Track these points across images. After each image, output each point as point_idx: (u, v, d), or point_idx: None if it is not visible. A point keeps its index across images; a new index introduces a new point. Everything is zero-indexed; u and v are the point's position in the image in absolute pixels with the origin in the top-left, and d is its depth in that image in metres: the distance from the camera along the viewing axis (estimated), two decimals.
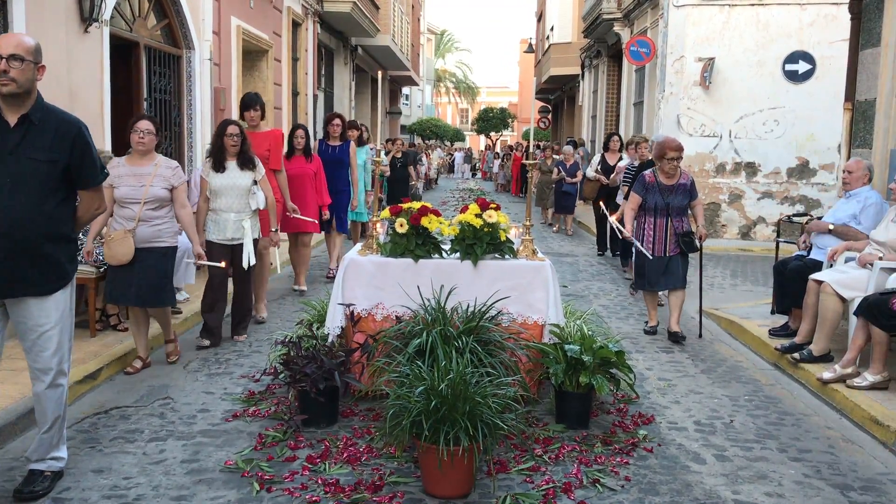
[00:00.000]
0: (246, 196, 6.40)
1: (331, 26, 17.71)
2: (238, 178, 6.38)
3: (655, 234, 6.94)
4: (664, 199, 6.90)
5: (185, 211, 5.72)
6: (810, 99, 13.39)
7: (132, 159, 5.64)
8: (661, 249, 6.92)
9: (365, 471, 4.05)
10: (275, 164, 7.47)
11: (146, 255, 5.53)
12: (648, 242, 6.95)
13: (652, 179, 6.98)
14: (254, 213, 6.51)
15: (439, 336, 4.49)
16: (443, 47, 59.09)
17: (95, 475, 3.98)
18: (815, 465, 4.31)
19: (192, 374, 5.69)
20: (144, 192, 5.51)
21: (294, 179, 8.20)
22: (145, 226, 5.53)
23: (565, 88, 30.76)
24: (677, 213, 6.93)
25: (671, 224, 6.90)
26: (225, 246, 6.40)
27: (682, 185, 6.95)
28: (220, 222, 6.40)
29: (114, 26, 7.85)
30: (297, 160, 8.46)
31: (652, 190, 6.95)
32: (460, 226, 5.13)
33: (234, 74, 11.20)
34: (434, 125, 45.03)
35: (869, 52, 7.21)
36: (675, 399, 5.39)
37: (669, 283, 6.98)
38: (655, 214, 6.93)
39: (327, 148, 9.43)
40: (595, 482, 3.97)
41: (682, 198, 6.95)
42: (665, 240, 6.92)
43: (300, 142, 8.50)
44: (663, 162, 6.90)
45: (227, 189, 6.35)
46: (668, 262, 6.93)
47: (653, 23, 15.35)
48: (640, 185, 7.04)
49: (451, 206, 16.18)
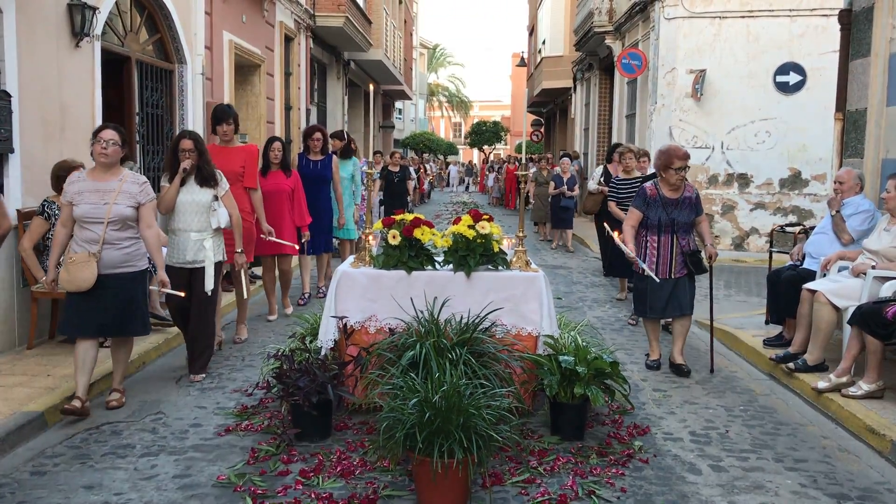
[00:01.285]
0: (206, 213, 5.81)
1: (323, 41, 17.75)
2: (197, 195, 5.81)
3: (660, 254, 6.20)
4: (668, 214, 6.16)
5: (151, 231, 5.17)
6: (801, 110, 13.44)
7: (94, 173, 5.07)
8: (665, 271, 6.17)
9: (359, 484, 4.01)
10: (249, 182, 6.98)
11: (113, 282, 4.99)
12: (651, 263, 6.18)
13: (654, 193, 6.22)
14: (216, 232, 5.91)
15: (433, 348, 4.47)
16: (435, 62, 59.26)
17: (86, 491, 3.93)
18: (811, 475, 4.29)
19: (185, 389, 5.65)
20: (108, 211, 4.95)
21: (269, 197, 7.62)
22: (111, 249, 4.99)
23: (557, 101, 30.85)
24: (683, 230, 6.22)
25: (677, 242, 6.18)
26: (183, 270, 5.79)
27: (687, 198, 6.23)
28: (178, 243, 5.81)
29: (105, 41, 7.84)
30: (274, 176, 7.87)
31: (654, 205, 6.20)
32: (453, 237, 5.12)
33: (227, 89, 11.20)
34: (427, 139, 45.09)
35: (859, 62, 7.25)
36: (670, 410, 5.37)
37: (675, 310, 6.25)
38: (659, 232, 6.19)
39: (308, 163, 8.79)
40: (591, 494, 3.95)
41: (689, 213, 6.22)
42: (670, 260, 6.18)
43: (277, 155, 7.91)
44: (669, 173, 6.15)
45: (185, 206, 5.78)
46: (675, 286, 6.20)
47: (644, 35, 15.42)
48: (641, 199, 6.28)
49: (445, 220, 16.19)
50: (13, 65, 6.15)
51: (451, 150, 51.26)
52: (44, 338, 6.51)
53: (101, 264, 4.94)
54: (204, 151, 5.88)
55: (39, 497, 3.86)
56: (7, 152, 6.12)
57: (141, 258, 5.19)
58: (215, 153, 6.62)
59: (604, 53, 19.35)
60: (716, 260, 6.24)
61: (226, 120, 6.95)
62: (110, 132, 5.04)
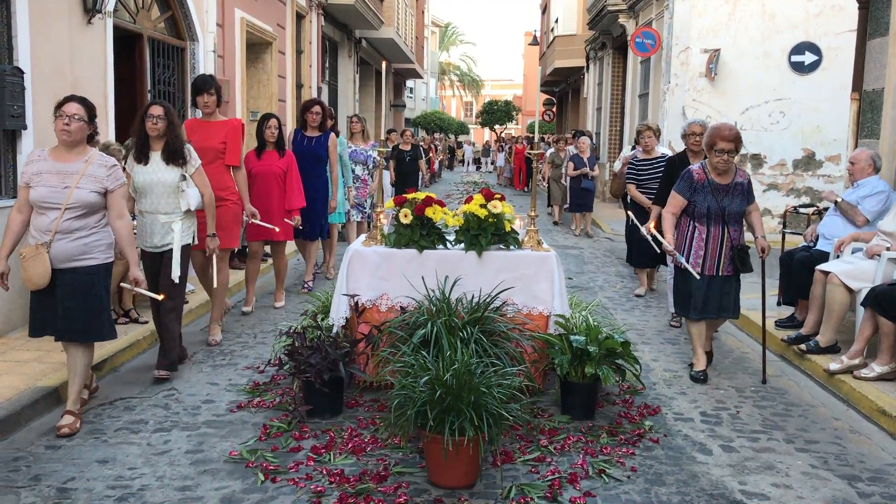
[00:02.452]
0: (175, 194, 5.30)
1: (335, 18, 17.66)
2: (162, 174, 5.26)
3: (708, 247, 5.46)
4: (718, 202, 5.42)
5: (122, 222, 4.53)
6: (817, 90, 13.31)
7: (56, 152, 4.46)
8: (713, 267, 5.46)
9: (370, 461, 4.04)
10: (231, 160, 6.31)
11: (70, 278, 4.36)
12: (697, 258, 5.46)
13: (702, 177, 5.45)
14: (186, 214, 5.40)
15: (444, 326, 4.48)
16: (447, 40, 58.94)
17: (100, 466, 3.97)
18: (822, 456, 4.29)
19: (197, 366, 5.68)
20: (67, 196, 4.32)
21: (258, 178, 7.15)
22: (66, 240, 4.34)
23: (570, 81, 30.66)
24: (734, 221, 5.49)
25: (727, 234, 5.46)
26: (154, 255, 5.35)
27: (739, 184, 5.49)
28: (146, 226, 5.34)
29: (117, 18, 7.83)
30: (269, 156, 7.30)
31: (702, 190, 5.45)
32: (465, 216, 5.11)
33: (238, 66, 11.18)
34: (438, 118, 44.94)
35: (877, 41, 7.16)
36: (681, 390, 5.37)
37: (723, 311, 5.60)
38: (708, 222, 5.45)
39: (303, 139, 8.17)
40: (601, 473, 3.96)
41: (741, 201, 5.49)
42: (719, 255, 5.46)
43: (273, 133, 7.29)
44: (711, 154, 5.41)
45: (150, 186, 5.26)
46: (721, 284, 5.52)
47: (658, 14, 15.28)
48: (686, 183, 5.51)
49: (456, 199, 16.12)
50: (26, 41, 6.15)
51: (462, 130, 51.09)
52: None
53: (52, 257, 4.32)
54: (175, 124, 5.32)
55: (54, 471, 3.90)
56: (20, 129, 6.14)
57: (104, 250, 4.52)
58: (195, 128, 6.32)
59: (617, 32, 19.20)
60: (768, 254, 5.51)
61: (206, 90, 6.31)
62: (75, 105, 4.42)
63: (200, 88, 6.33)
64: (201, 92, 6.31)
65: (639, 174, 8.08)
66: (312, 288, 8.14)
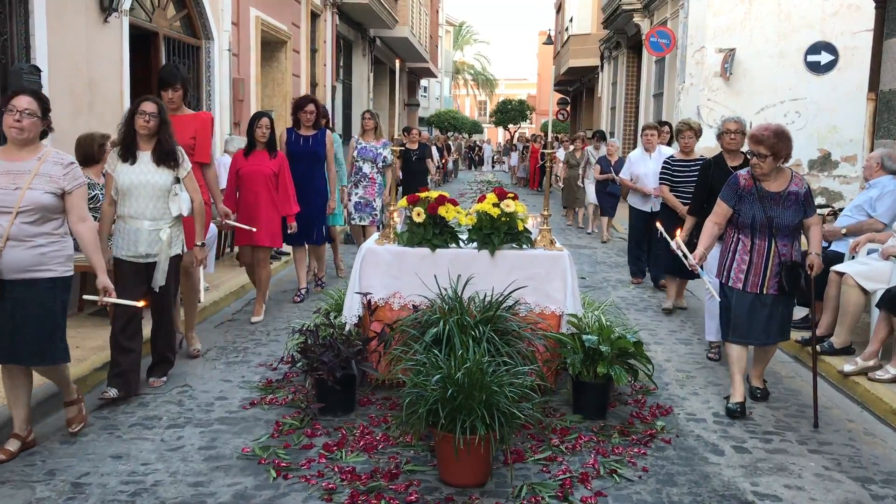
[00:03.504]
0: (164, 198, 4.87)
1: (349, 17, 17.70)
2: (152, 175, 4.83)
3: (751, 262, 4.87)
4: (766, 211, 4.83)
5: (85, 226, 4.09)
6: (833, 90, 13.22)
7: (7, 151, 4.01)
8: (756, 284, 4.87)
9: (381, 459, 4.05)
10: (201, 156, 5.80)
11: (23, 291, 3.89)
12: (740, 273, 4.91)
13: (749, 183, 4.88)
14: (175, 220, 4.97)
15: (456, 325, 4.48)
16: (461, 39, 58.96)
17: (114, 461, 4.00)
18: (835, 458, 4.27)
19: (211, 363, 5.71)
20: (19, 198, 3.85)
21: (246, 180, 6.77)
22: (20, 248, 3.87)
23: (584, 80, 30.61)
24: (784, 235, 4.84)
25: (775, 249, 4.85)
26: (139, 265, 4.88)
27: (792, 193, 4.83)
28: (129, 233, 4.84)
29: (133, 17, 7.88)
30: (257, 156, 6.85)
31: (748, 198, 4.87)
32: (478, 215, 5.12)
33: (253, 65, 11.22)
34: (452, 117, 44.96)
35: (894, 41, 7.11)
36: (693, 391, 5.36)
37: (763, 336, 4.95)
38: (753, 234, 4.87)
39: (297, 139, 7.76)
40: (612, 472, 3.95)
41: (794, 213, 4.83)
42: (763, 271, 4.85)
43: (264, 133, 6.83)
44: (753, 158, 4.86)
45: (138, 188, 4.80)
46: (766, 305, 4.89)
47: (673, 13, 15.23)
48: (731, 190, 4.95)
49: (469, 198, 16.07)
50: (43, 40, 6.21)
51: (476, 129, 51.08)
52: (73, 310, 6.60)
53: (2, 267, 3.85)
54: (167, 122, 4.93)
55: (69, 465, 3.93)
56: None
57: (63, 262, 4.05)
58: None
59: (632, 31, 19.15)
60: (817, 272, 4.89)
61: (172, 84, 5.73)
62: (26, 99, 3.95)
63: (166, 82, 5.73)
64: (167, 86, 5.72)
65: (674, 176, 7.46)
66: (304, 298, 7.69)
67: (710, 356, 6.15)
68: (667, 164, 7.61)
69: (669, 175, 7.51)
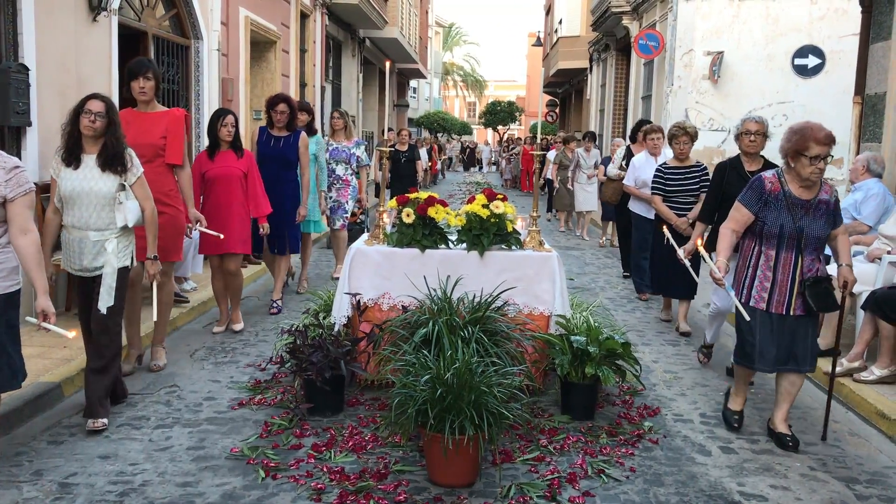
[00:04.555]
0: (109, 207, 4.40)
1: (339, 18, 17.69)
2: (96, 182, 4.35)
3: (775, 278, 4.37)
4: (795, 221, 4.32)
5: (26, 240, 3.70)
6: (819, 94, 13.31)
7: None
8: (782, 303, 4.36)
9: (370, 459, 4.06)
10: (173, 157, 5.38)
11: None
12: (762, 291, 4.39)
13: (776, 187, 4.37)
14: (122, 231, 4.50)
15: (445, 326, 4.50)
16: (451, 40, 59.00)
17: (102, 461, 3.99)
18: (820, 458, 4.30)
19: (199, 363, 5.70)
20: None
21: (216, 183, 6.29)
22: None
23: (573, 82, 30.68)
24: (813, 247, 4.37)
25: (801, 264, 4.36)
26: (86, 280, 4.49)
27: (823, 202, 4.37)
28: (74, 245, 4.42)
29: (122, 16, 7.85)
30: (224, 157, 6.36)
31: (775, 204, 4.35)
32: (467, 216, 5.13)
33: (242, 65, 11.20)
34: (441, 118, 44.96)
35: (879, 45, 7.17)
36: (680, 391, 5.39)
37: (794, 362, 4.42)
38: (779, 246, 4.36)
39: (269, 139, 7.27)
40: (600, 473, 3.98)
41: (825, 223, 4.36)
42: (789, 289, 4.35)
43: (229, 132, 6.34)
44: (800, 163, 4.28)
45: (80, 196, 4.34)
46: (792, 327, 4.38)
47: (662, 16, 15.29)
48: (755, 194, 4.41)
49: (458, 199, 16.08)
50: (31, 38, 6.18)
51: (465, 130, 51.11)
52: (60, 310, 6.56)
53: None
54: (116, 123, 4.43)
55: (56, 465, 3.92)
56: (25, 126, 6.16)
57: (6, 276, 3.72)
58: (130, 120, 5.22)
59: (621, 34, 19.21)
60: (851, 288, 4.46)
61: (143, 73, 5.27)
62: None
63: (135, 72, 5.30)
64: (136, 75, 5.28)
65: (667, 184, 6.94)
66: (281, 309, 7.26)
67: (700, 359, 5.99)
68: (659, 172, 7.06)
69: (662, 183, 6.97)
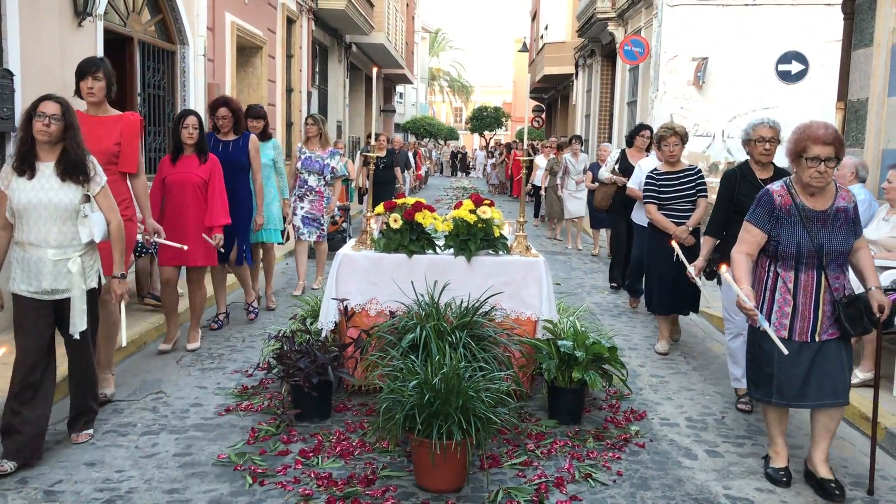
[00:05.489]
0: (72, 221, 3.96)
1: (325, 23, 17.69)
2: (56, 192, 3.93)
3: (797, 304, 3.90)
4: (812, 237, 3.85)
5: None
6: (803, 99, 13.40)
7: None
8: (805, 330, 3.90)
9: (358, 465, 4.06)
10: (127, 165, 4.95)
11: None
12: (783, 318, 3.92)
13: (786, 201, 3.91)
14: (87, 248, 4.08)
15: (433, 331, 4.50)
16: (437, 46, 59.09)
17: (88, 468, 3.97)
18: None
19: (185, 369, 5.68)
20: None
21: (175, 189, 5.89)
22: None
23: (559, 87, 30.79)
24: (835, 264, 3.91)
25: (825, 284, 3.89)
26: (42, 304, 3.98)
27: (841, 210, 3.90)
28: (30, 264, 3.95)
29: (107, 21, 7.82)
30: (187, 162, 5.97)
31: (787, 220, 3.89)
32: (454, 222, 5.15)
33: (228, 70, 11.18)
34: (428, 123, 45.02)
35: (861, 52, 7.25)
36: (667, 395, 5.41)
37: (820, 395, 3.89)
38: (798, 266, 3.90)
39: (217, 144, 6.74)
40: (587, 477, 3.99)
41: (845, 235, 3.89)
42: (814, 313, 3.89)
43: (192, 135, 5.92)
44: (801, 165, 3.84)
45: (38, 209, 3.91)
46: (819, 356, 3.89)
47: (647, 22, 15.38)
48: (765, 210, 3.95)
49: (446, 205, 16.08)
50: (15, 43, 6.14)
51: (451, 135, 51.20)
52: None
53: None
54: (74, 127, 4.01)
55: (41, 473, 3.89)
56: (9, 131, 6.12)
57: None
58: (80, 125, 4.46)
59: (606, 40, 19.31)
60: (887, 314, 3.90)
61: (91, 72, 4.83)
62: None
63: (83, 71, 4.85)
64: (84, 75, 4.84)
65: (660, 191, 6.44)
66: (258, 312, 7.14)
67: (740, 407, 5.16)
68: (651, 179, 6.53)
69: (655, 190, 6.43)
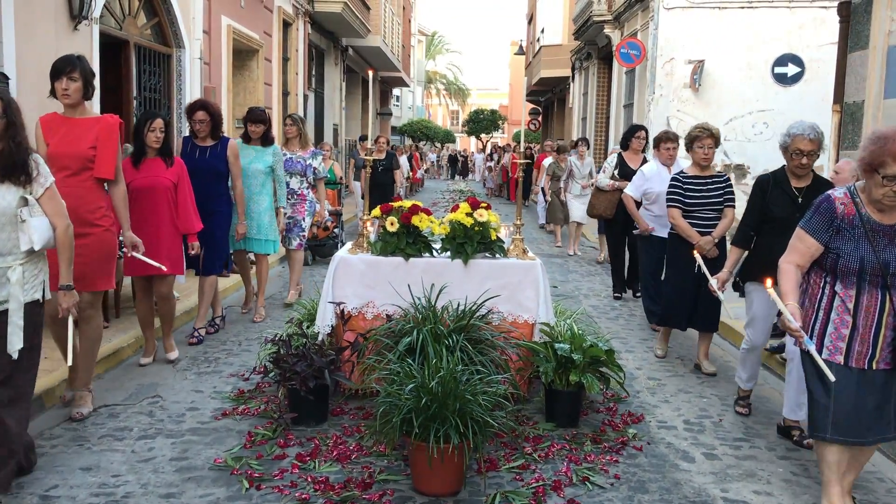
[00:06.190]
0: (11, 226, 3.60)
1: (321, 26, 17.69)
2: None
3: (855, 326, 3.47)
4: (878, 253, 3.41)
5: None
6: (799, 102, 13.44)
7: None
8: (864, 355, 3.47)
9: (355, 469, 4.05)
10: (103, 171, 4.66)
11: None
12: (839, 341, 3.49)
13: (850, 211, 3.48)
14: (29, 256, 3.70)
15: (430, 334, 4.49)
16: (433, 49, 59.12)
17: (84, 473, 3.96)
18: (802, 464, 4.33)
19: (182, 373, 5.67)
20: None
21: (141, 196, 5.51)
22: None
23: (556, 90, 30.81)
24: None
25: (890, 306, 3.44)
26: None
27: None
28: None
29: (103, 24, 7.82)
30: (151, 166, 5.63)
31: (850, 232, 3.47)
32: (451, 224, 5.14)
33: (225, 74, 11.18)
34: (425, 126, 45.02)
35: (857, 54, 7.26)
36: (664, 398, 5.41)
37: (879, 429, 3.49)
38: (860, 284, 3.46)
39: (195, 150, 6.48)
40: (585, 480, 3.98)
41: None
42: (874, 338, 3.45)
43: (157, 138, 5.61)
44: (873, 179, 3.35)
45: None
46: (879, 386, 3.48)
47: (643, 25, 15.40)
48: (824, 218, 3.53)
49: (442, 208, 16.07)
50: (11, 47, 6.14)
51: (448, 138, 51.24)
52: None
53: None
54: (16, 125, 3.63)
55: (37, 478, 3.88)
56: None
57: None
58: (55, 127, 4.65)
59: (602, 43, 19.33)
60: None
61: (66, 72, 4.54)
62: None
63: (58, 70, 4.56)
64: (59, 75, 4.55)
65: (686, 197, 6.02)
66: (203, 339, 6.48)
67: (738, 410, 5.10)
68: (677, 182, 6.09)
69: (681, 195, 6.02)
